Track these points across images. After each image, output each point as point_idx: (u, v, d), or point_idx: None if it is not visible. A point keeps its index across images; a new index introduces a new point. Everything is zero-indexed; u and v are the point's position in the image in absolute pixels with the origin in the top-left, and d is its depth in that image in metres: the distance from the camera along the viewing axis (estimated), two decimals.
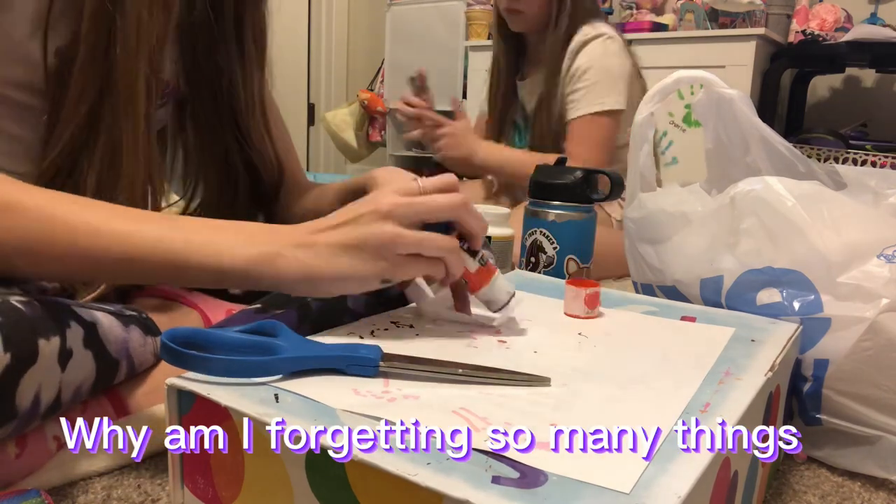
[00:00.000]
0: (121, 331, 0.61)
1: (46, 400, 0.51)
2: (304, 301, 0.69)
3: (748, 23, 2.21)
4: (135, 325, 0.63)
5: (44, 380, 0.49)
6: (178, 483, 0.44)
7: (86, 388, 0.56)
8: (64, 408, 0.54)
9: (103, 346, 0.57)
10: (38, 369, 0.48)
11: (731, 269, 0.69)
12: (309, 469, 0.37)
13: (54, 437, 0.57)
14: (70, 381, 0.53)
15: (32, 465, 0.55)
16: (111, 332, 0.59)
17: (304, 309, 0.69)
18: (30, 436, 0.55)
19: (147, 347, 0.64)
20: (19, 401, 0.48)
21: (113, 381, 0.60)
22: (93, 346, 0.55)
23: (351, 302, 0.71)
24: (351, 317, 0.71)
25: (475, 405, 0.41)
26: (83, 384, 0.55)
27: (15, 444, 0.54)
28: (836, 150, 2.07)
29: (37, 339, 0.48)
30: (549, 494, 0.32)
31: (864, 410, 0.61)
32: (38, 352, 0.48)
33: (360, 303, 0.70)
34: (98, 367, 0.57)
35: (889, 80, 2.39)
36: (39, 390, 0.49)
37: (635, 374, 0.47)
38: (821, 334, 0.62)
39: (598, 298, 0.62)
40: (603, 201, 0.91)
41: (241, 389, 0.42)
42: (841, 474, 0.64)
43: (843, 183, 0.77)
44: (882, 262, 0.62)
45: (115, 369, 0.60)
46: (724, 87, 0.81)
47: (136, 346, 0.62)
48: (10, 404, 0.47)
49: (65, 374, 0.52)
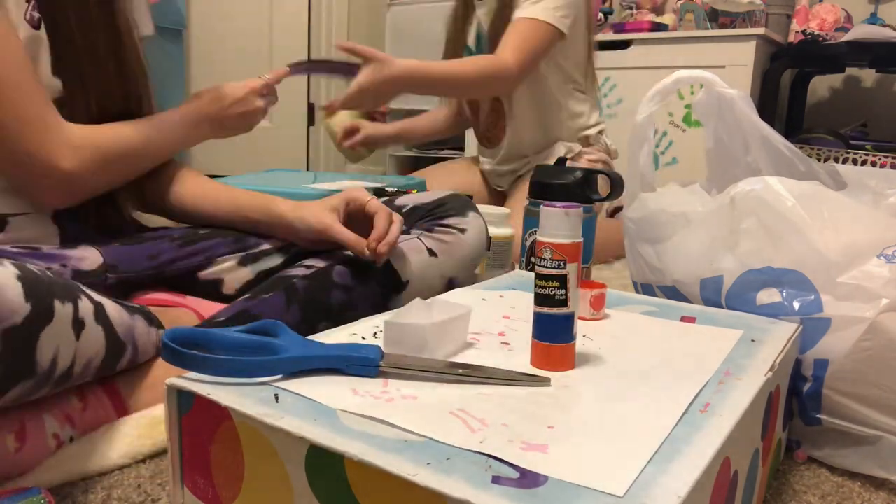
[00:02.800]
0: (127, 316, 0.62)
1: (62, 366, 0.52)
2: (290, 283, 0.72)
3: (748, 23, 2.20)
4: (139, 315, 0.65)
5: (61, 343, 0.52)
6: (178, 483, 0.44)
7: (95, 365, 0.57)
8: (74, 380, 0.55)
9: (112, 326, 0.59)
10: (55, 329, 0.51)
11: (731, 269, 0.69)
12: (309, 469, 0.37)
13: (54, 436, 0.57)
14: (83, 352, 0.55)
15: (31, 460, 0.55)
16: (118, 316, 0.61)
17: (289, 290, 0.71)
18: (29, 431, 0.55)
19: (150, 337, 0.65)
20: (39, 357, 0.50)
21: (118, 364, 0.61)
22: (103, 323, 0.58)
23: (336, 275, 0.72)
24: (338, 290, 0.72)
25: (474, 405, 0.41)
26: (93, 360, 0.57)
27: (14, 439, 0.54)
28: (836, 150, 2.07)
29: (52, 299, 0.51)
30: (549, 494, 0.32)
31: (864, 410, 0.61)
32: (55, 311, 0.51)
33: (346, 274, 0.72)
34: (107, 346, 0.58)
35: (889, 80, 2.39)
36: (57, 353, 0.51)
37: (637, 375, 0.47)
38: (821, 334, 0.62)
39: (604, 300, 0.62)
40: (603, 201, 0.91)
41: (241, 389, 0.42)
42: (841, 474, 0.64)
43: (844, 183, 0.77)
44: (882, 262, 0.62)
45: (121, 352, 0.61)
46: (725, 87, 0.81)
47: (141, 334, 0.64)
48: (31, 359, 0.49)
49: (79, 344, 0.54)
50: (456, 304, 0.52)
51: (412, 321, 0.49)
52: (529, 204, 0.91)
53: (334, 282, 0.74)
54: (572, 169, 0.90)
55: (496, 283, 0.73)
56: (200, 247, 0.81)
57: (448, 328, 0.50)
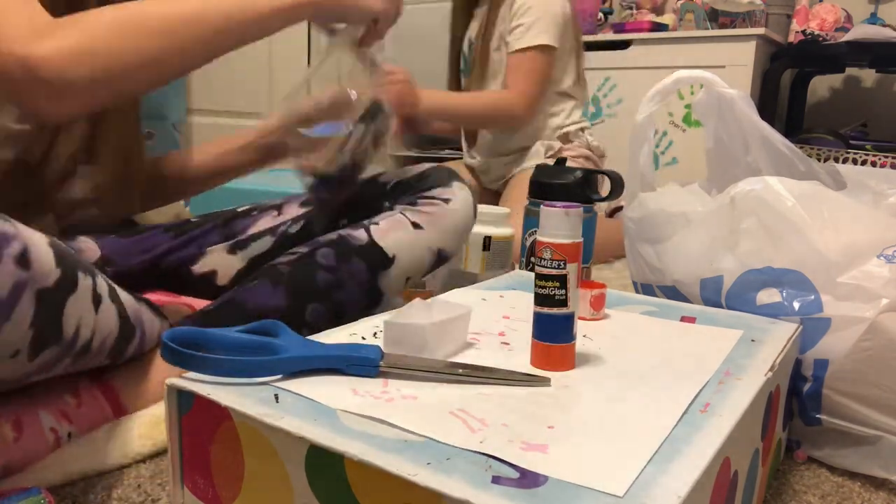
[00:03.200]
0: (134, 302, 0.63)
1: (84, 337, 0.53)
2: (275, 269, 0.73)
3: (748, 23, 2.20)
4: (143, 303, 0.65)
5: (83, 313, 0.53)
6: (178, 483, 0.44)
7: (109, 345, 0.58)
8: (91, 357, 0.56)
9: (123, 307, 0.60)
10: (78, 299, 0.52)
11: (731, 269, 0.69)
12: (309, 469, 0.37)
13: (51, 429, 0.57)
14: (101, 327, 0.56)
15: (29, 452, 0.56)
16: (128, 299, 0.62)
17: (274, 276, 0.72)
18: (25, 422, 0.56)
19: (154, 325, 0.66)
20: (65, 325, 0.51)
21: (127, 347, 0.62)
22: (116, 303, 0.58)
23: (321, 257, 0.72)
24: (323, 271, 0.73)
25: (474, 405, 0.41)
26: (107, 338, 0.57)
27: (12, 428, 0.55)
28: (836, 150, 2.07)
29: (77, 269, 0.52)
30: (549, 494, 0.32)
31: (864, 410, 0.61)
32: (78, 281, 0.52)
33: (331, 255, 0.74)
34: (120, 326, 0.59)
35: (889, 80, 2.39)
36: (80, 323, 0.52)
37: (637, 375, 0.47)
38: (821, 334, 0.62)
39: (604, 300, 0.62)
40: (603, 201, 0.91)
41: (241, 389, 0.42)
42: (841, 474, 0.64)
43: (844, 183, 0.77)
44: (882, 262, 0.62)
45: (132, 334, 0.62)
46: (725, 87, 0.81)
47: (148, 320, 0.65)
48: (58, 325, 0.50)
49: (97, 318, 0.55)
50: (456, 304, 0.52)
51: (412, 321, 0.49)
52: (529, 204, 0.92)
53: (319, 263, 0.74)
54: (572, 169, 0.90)
55: (496, 283, 0.73)
56: (192, 235, 0.82)
57: (448, 328, 0.50)
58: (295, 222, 0.84)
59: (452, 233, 0.81)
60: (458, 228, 0.82)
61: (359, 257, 0.74)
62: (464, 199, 0.82)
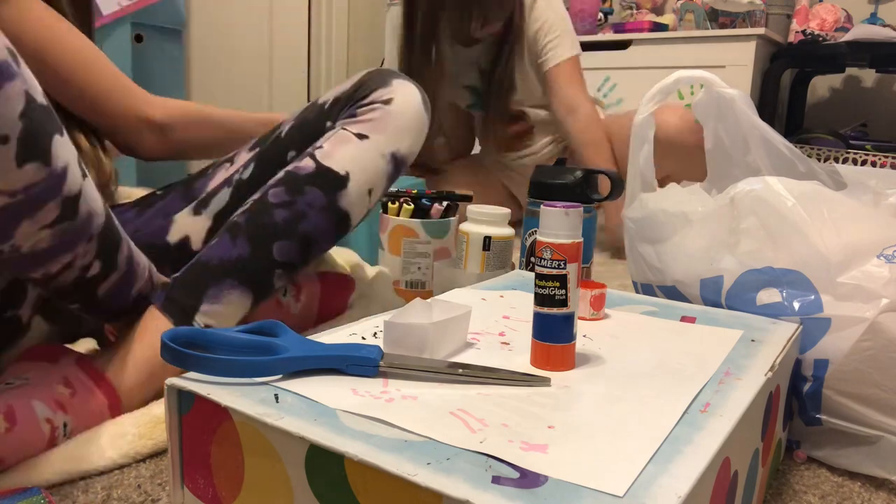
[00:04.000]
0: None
1: (71, 185, 0.56)
2: (232, 222, 0.74)
3: (748, 23, 2.21)
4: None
5: (69, 160, 0.57)
6: (178, 483, 0.44)
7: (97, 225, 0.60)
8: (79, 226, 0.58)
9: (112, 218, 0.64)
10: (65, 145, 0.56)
11: (731, 269, 0.69)
12: (309, 469, 0.37)
13: (47, 420, 0.57)
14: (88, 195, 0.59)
15: (24, 444, 0.55)
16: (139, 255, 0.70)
17: (232, 228, 0.73)
18: (18, 412, 0.55)
19: (143, 259, 0.70)
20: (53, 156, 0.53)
21: (117, 256, 0.65)
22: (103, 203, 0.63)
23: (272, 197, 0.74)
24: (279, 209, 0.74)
25: (474, 405, 0.41)
26: (95, 216, 0.60)
27: (4, 419, 0.54)
28: (836, 150, 2.07)
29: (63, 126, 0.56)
30: (549, 494, 0.32)
31: (864, 410, 0.61)
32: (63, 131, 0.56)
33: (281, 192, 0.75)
34: (106, 217, 0.62)
35: (889, 80, 2.39)
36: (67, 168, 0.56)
37: (637, 375, 0.47)
38: (821, 334, 0.62)
39: (604, 300, 0.62)
40: (603, 201, 0.91)
41: (241, 389, 0.42)
42: (841, 474, 0.64)
43: (843, 183, 0.77)
44: (882, 262, 0.62)
45: (118, 240, 0.65)
46: (725, 87, 0.81)
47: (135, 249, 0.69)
48: (46, 150, 0.53)
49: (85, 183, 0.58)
50: (456, 304, 0.52)
51: (412, 321, 0.49)
52: (529, 204, 0.92)
53: (271, 203, 0.73)
54: (572, 169, 0.90)
55: (496, 283, 0.73)
56: (158, 207, 0.82)
57: (448, 328, 0.50)
58: (245, 167, 0.82)
59: (402, 132, 0.78)
60: (408, 126, 0.78)
61: (311, 185, 0.73)
62: (405, 95, 0.78)
